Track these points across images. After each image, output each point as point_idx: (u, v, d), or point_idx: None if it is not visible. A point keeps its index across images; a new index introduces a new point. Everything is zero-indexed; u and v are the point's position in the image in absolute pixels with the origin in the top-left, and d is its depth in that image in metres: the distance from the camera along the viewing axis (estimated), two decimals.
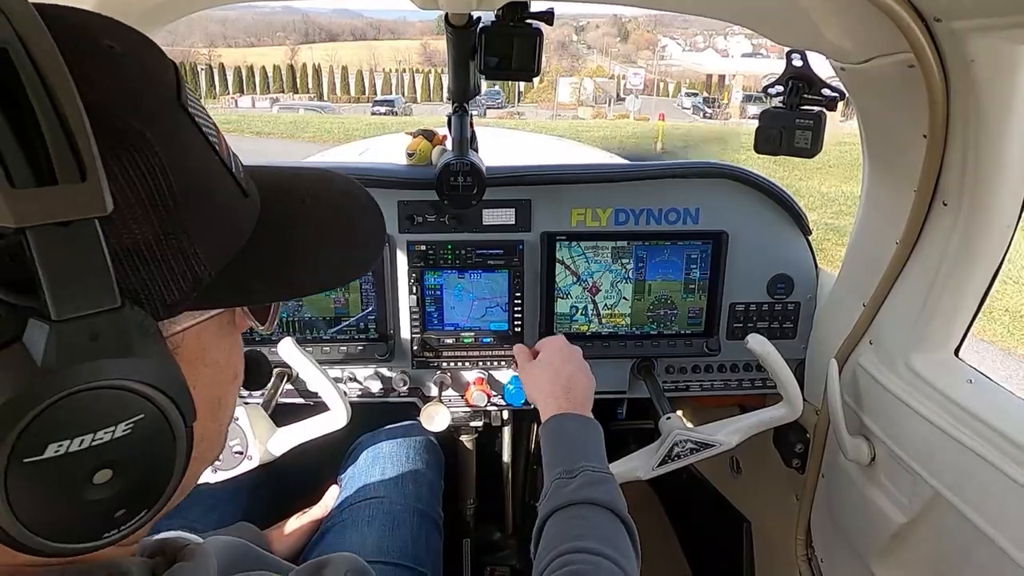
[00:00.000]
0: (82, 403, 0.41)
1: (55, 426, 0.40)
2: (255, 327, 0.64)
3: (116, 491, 0.45)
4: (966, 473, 1.15)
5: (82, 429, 0.42)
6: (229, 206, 0.52)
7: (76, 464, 0.42)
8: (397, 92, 68.52)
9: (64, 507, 0.43)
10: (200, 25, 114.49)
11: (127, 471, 0.45)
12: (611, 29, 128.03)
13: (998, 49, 0.97)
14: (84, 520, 0.45)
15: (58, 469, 0.42)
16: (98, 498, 0.44)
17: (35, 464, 0.40)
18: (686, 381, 1.78)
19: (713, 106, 48.66)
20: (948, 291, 1.23)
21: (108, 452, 0.43)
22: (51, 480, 0.42)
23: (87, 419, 0.42)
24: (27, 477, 0.40)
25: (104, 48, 0.46)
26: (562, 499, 1.01)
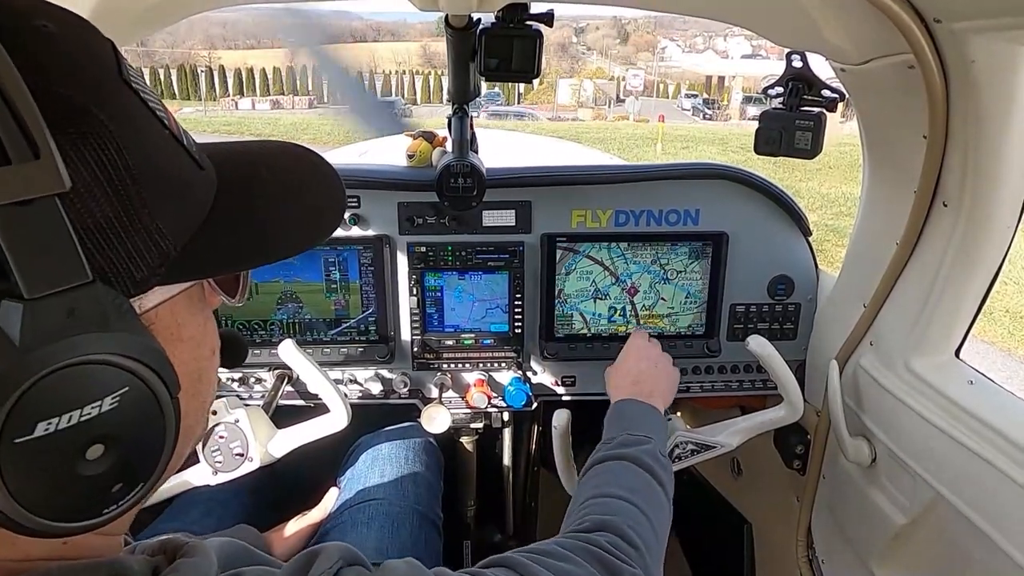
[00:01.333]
0: (66, 380, 0.41)
1: (42, 404, 0.40)
2: (226, 300, 0.64)
3: (110, 465, 0.45)
4: (967, 474, 1.14)
5: (69, 405, 0.42)
6: (186, 179, 0.52)
7: (67, 441, 0.43)
8: (397, 94, 68.56)
9: (60, 485, 0.43)
10: (200, 27, 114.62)
11: (118, 445, 0.45)
12: (611, 31, 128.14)
13: (998, 50, 0.97)
14: (82, 497, 0.45)
15: (50, 447, 0.42)
16: (93, 473, 0.45)
17: (26, 444, 0.41)
18: (687, 382, 1.78)
19: (713, 107, 48.66)
20: (948, 292, 1.23)
21: (97, 427, 0.44)
22: (44, 458, 0.42)
23: (73, 395, 0.42)
24: (20, 457, 0.40)
25: (39, 28, 0.46)
26: (598, 457, 1.13)
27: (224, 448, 1.35)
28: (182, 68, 73.76)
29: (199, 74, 67.48)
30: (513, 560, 0.78)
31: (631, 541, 0.89)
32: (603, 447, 1.17)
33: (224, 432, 1.35)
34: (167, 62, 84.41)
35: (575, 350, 1.71)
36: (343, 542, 1.36)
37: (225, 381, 1.73)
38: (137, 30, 1.25)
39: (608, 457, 1.12)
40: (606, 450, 1.14)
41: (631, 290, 1.69)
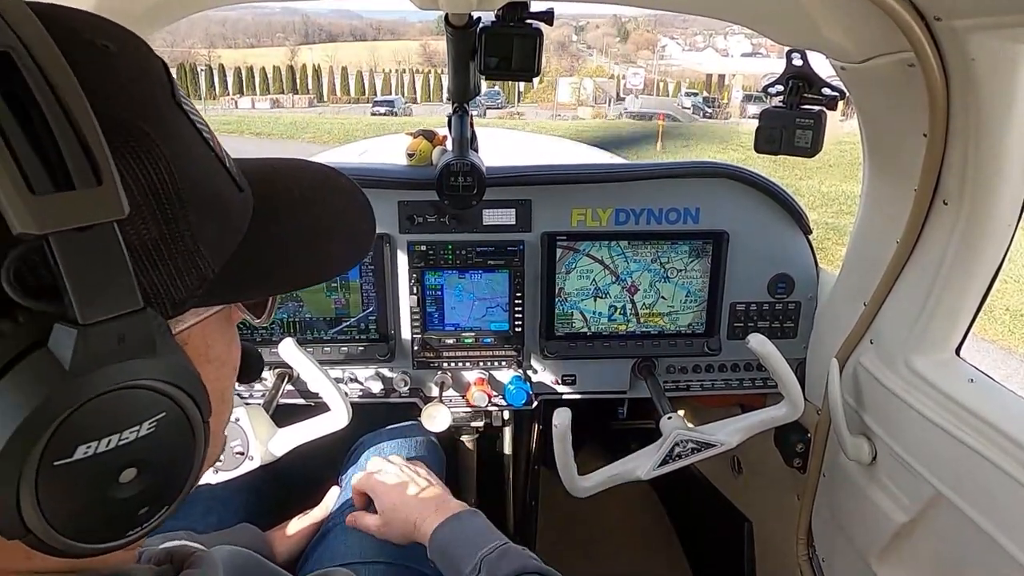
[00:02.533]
0: (109, 404, 0.42)
1: (84, 428, 0.41)
2: (251, 320, 0.64)
3: (140, 489, 0.45)
4: (967, 472, 1.15)
5: (110, 430, 0.42)
6: (227, 202, 0.52)
7: (104, 464, 0.43)
8: (397, 92, 68.54)
9: (92, 508, 0.43)
10: (200, 26, 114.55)
11: (151, 468, 0.46)
12: (611, 29, 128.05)
13: (998, 48, 0.97)
14: (110, 520, 0.45)
15: (87, 470, 0.42)
16: (124, 497, 0.45)
17: (65, 467, 0.41)
18: (687, 381, 1.78)
19: (713, 106, 48.65)
20: (949, 290, 1.23)
21: (134, 451, 0.44)
22: (80, 481, 0.42)
23: (114, 420, 0.42)
24: (57, 479, 0.40)
25: (99, 48, 0.46)
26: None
27: (224, 447, 1.35)
28: (182, 67, 73.69)
29: (199, 73, 67.43)
30: None
31: None
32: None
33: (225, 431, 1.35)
34: (167, 60, 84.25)
35: (575, 349, 1.72)
36: (345, 541, 1.36)
37: None
38: (137, 29, 1.25)
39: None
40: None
41: (631, 289, 1.69)
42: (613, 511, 2.48)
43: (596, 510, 2.04)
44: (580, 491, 1.48)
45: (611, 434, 2.58)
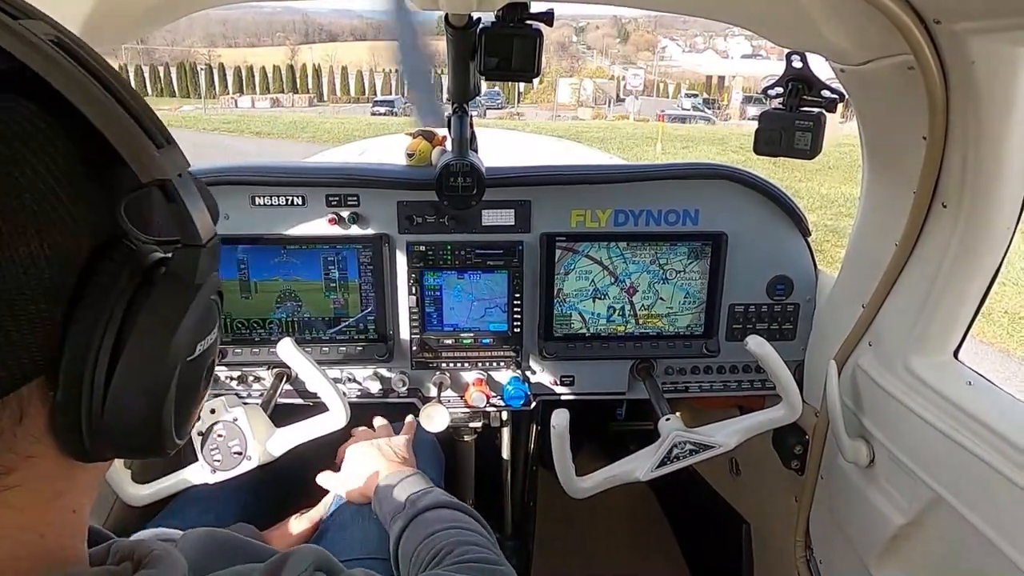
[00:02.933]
0: (209, 310, 0.51)
1: (200, 328, 0.49)
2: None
3: (202, 392, 0.54)
4: (965, 475, 1.15)
5: (209, 329, 0.51)
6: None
7: (204, 360, 0.52)
8: (397, 92, 68.50)
9: (192, 402, 0.52)
10: (200, 25, 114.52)
11: (211, 370, 0.55)
12: (611, 30, 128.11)
13: (998, 51, 0.97)
14: (192, 415, 0.53)
15: (198, 365, 0.51)
16: (203, 391, 0.54)
17: (191, 363, 0.49)
18: (685, 382, 1.78)
19: (713, 107, 48.67)
20: (947, 293, 1.23)
21: (213, 350, 0.53)
22: (193, 376, 0.51)
23: (209, 322, 0.51)
24: (185, 375, 0.48)
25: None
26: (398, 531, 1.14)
27: (223, 447, 1.35)
28: (182, 66, 73.76)
29: (199, 72, 67.42)
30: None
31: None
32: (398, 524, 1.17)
33: (222, 431, 1.35)
34: (167, 60, 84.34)
35: (574, 349, 1.71)
36: (344, 539, 1.36)
37: (224, 379, 1.73)
38: (137, 28, 1.25)
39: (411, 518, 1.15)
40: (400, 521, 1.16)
41: (630, 290, 1.69)
42: (611, 512, 2.48)
43: (594, 511, 2.04)
44: (578, 492, 1.48)
45: (609, 435, 2.58)
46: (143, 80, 72.88)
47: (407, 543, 1.09)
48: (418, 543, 1.05)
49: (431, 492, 1.22)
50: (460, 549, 0.98)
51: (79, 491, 0.52)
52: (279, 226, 1.62)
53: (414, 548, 1.05)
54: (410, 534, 1.10)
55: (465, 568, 0.91)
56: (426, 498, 1.18)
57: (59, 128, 0.42)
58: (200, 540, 0.63)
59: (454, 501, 1.18)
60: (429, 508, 1.14)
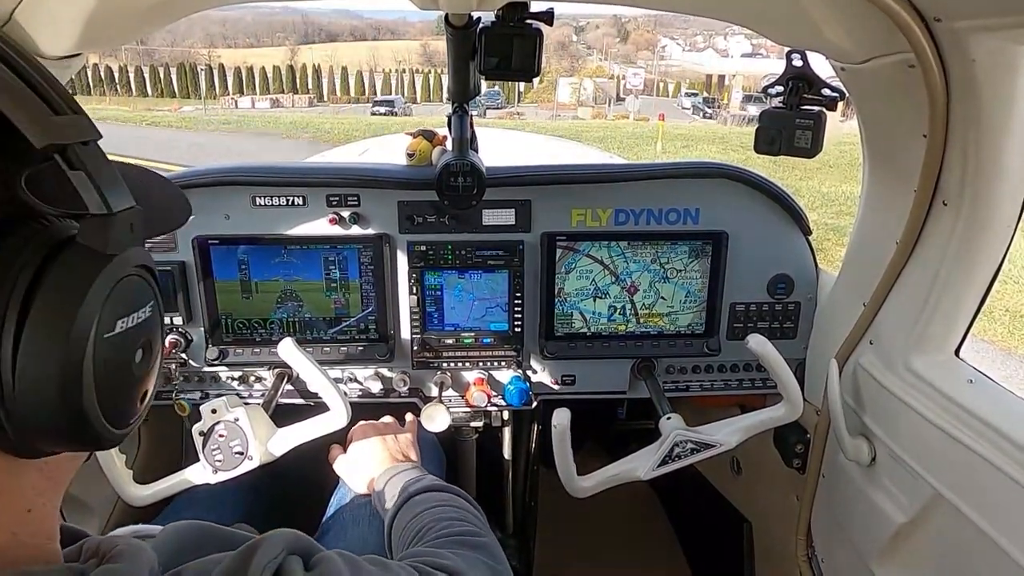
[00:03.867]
0: (130, 285, 0.49)
1: (120, 304, 0.48)
2: None
3: (143, 371, 0.53)
4: (967, 473, 1.15)
5: (133, 307, 0.50)
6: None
7: (131, 339, 0.50)
8: (397, 92, 68.50)
9: (121, 387, 0.50)
10: (200, 25, 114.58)
11: (150, 351, 0.53)
12: (611, 29, 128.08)
13: (999, 49, 0.97)
14: (128, 401, 0.52)
15: (121, 344, 0.49)
16: (137, 376, 0.52)
17: (109, 340, 0.47)
18: (686, 381, 1.78)
19: (713, 106, 48.64)
20: (948, 291, 1.23)
21: (143, 330, 0.52)
22: (116, 356, 0.49)
23: (134, 299, 0.50)
24: (104, 354, 0.47)
25: None
26: (391, 516, 1.16)
27: (224, 447, 1.35)
28: (182, 66, 73.76)
29: (199, 72, 67.43)
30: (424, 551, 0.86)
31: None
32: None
33: (224, 431, 1.35)
34: (167, 60, 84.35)
35: (575, 349, 1.72)
36: (345, 539, 1.36)
37: (225, 379, 1.73)
38: (137, 28, 1.25)
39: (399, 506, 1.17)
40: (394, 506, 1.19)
41: (631, 289, 1.69)
42: (612, 511, 2.48)
43: (595, 510, 2.04)
44: (579, 491, 1.48)
45: (610, 434, 2.58)
46: (143, 81, 72.93)
47: (397, 526, 1.11)
48: (405, 523, 1.07)
49: (424, 478, 1.25)
50: (441, 524, 1.00)
51: (30, 490, 0.51)
52: (280, 226, 1.62)
53: (402, 528, 1.07)
54: (400, 517, 1.12)
55: (446, 542, 0.92)
56: (418, 484, 1.21)
57: None
58: (177, 533, 0.62)
59: (444, 484, 1.20)
60: (418, 492, 1.17)
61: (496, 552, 0.94)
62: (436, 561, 0.79)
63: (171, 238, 1.61)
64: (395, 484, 1.26)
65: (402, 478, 1.28)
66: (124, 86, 71.62)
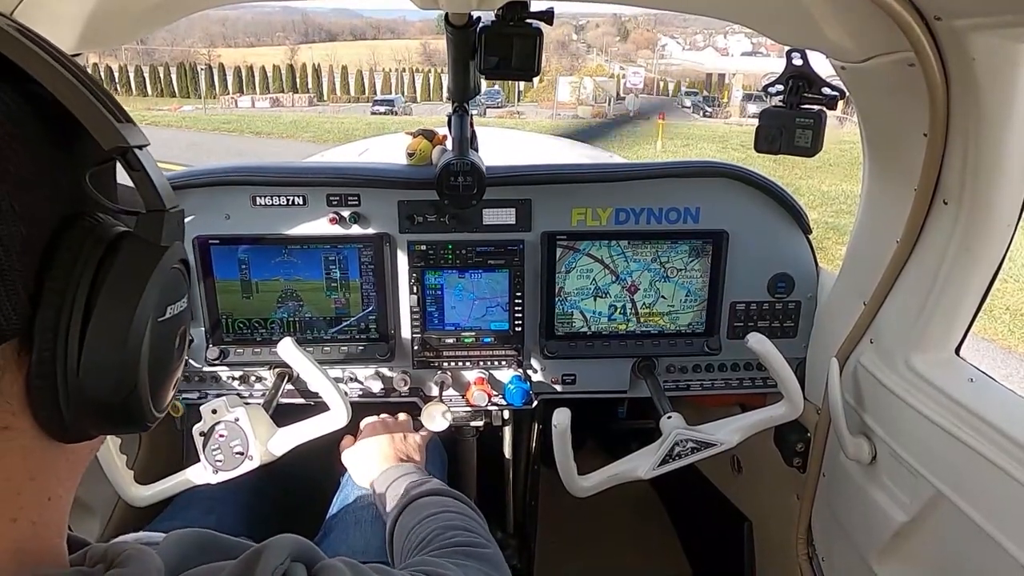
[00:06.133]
0: (176, 276, 0.54)
1: (169, 291, 0.52)
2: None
3: (180, 356, 0.57)
4: (967, 472, 1.15)
5: (178, 296, 0.54)
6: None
7: (175, 325, 0.54)
8: (397, 92, 68.46)
9: (165, 369, 0.54)
10: (200, 25, 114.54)
11: (184, 338, 0.57)
12: (611, 28, 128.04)
13: (999, 47, 0.97)
14: (168, 385, 0.56)
15: (168, 330, 0.53)
16: (177, 360, 0.57)
17: (161, 324, 0.51)
18: (687, 380, 1.78)
19: (713, 105, 48.61)
20: (949, 290, 1.23)
21: (183, 318, 0.56)
22: (165, 341, 0.53)
23: (178, 288, 0.54)
24: (156, 338, 0.50)
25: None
26: (393, 517, 1.17)
27: (224, 447, 1.35)
28: (182, 66, 73.73)
29: (199, 72, 67.40)
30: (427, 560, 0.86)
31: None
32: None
33: (224, 431, 1.35)
34: (167, 60, 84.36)
35: (575, 348, 1.72)
36: (347, 540, 1.36)
37: (225, 379, 1.73)
38: (137, 28, 1.25)
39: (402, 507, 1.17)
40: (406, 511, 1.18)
41: (631, 288, 1.69)
42: (613, 510, 2.48)
43: (596, 509, 2.04)
44: (580, 491, 1.48)
45: (611, 434, 2.58)
46: (143, 80, 72.91)
47: (400, 530, 1.11)
48: (408, 529, 1.07)
49: (428, 482, 1.26)
50: (448, 534, 1.00)
51: (55, 477, 0.52)
52: (280, 226, 1.62)
53: (405, 534, 1.08)
54: (403, 521, 1.13)
55: (450, 552, 0.93)
56: (421, 487, 1.21)
57: (27, 106, 0.46)
58: (180, 540, 0.62)
59: (446, 488, 1.21)
60: (422, 495, 1.17)
61: (500, 564, 0.95)
62: (440, 572, 0.79)
63: None
64: (398, 485, 1.27)
65: (405, 480, 1.28)
66: (124, 85, 71.59)
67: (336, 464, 1.64)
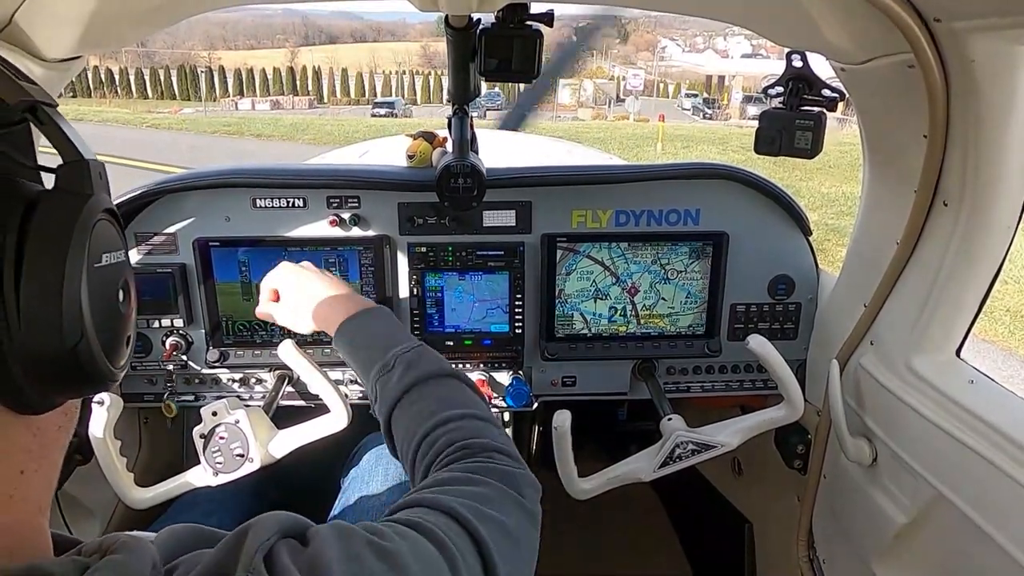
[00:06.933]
0: (107, 225, 0.54)
1: (102, 238, 0.53)
2: None
3: (127, 311, 0.58)
4: (968, 473, 1.14)
5: (113, 245, 0.55)
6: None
7: (114, 275, 0.55)
8: (397, 94, 68.51)
9: (112, 321, 0.54)
10: (200, 27, 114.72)
11: (129, 294, 0.58)
12: (611, 30, 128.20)
13: (998, 49, 0.97)
14: (119, 339, 0.56)
15: (108, 278, 0.54)
16: (123, 314, 0.57)
17: (99, 272, 0.52)
18: (687, 382, 1.78)
19: (713, 107, 48.65)
20: (949, 291, 1.23)
21: (121, 270, 0.57)
22: (106, 290, 0.54)
23: (111, 238, 0.55)
24: (96, 285, 0.51)
25: None
26: (393, 393, 1.01)
27: (225, 449, 1.35)
28: (182, 68, 73.78)
29: (199, 74, 67.47)
30: (423, 498, 0.75)
31: (507, 452, 0.89)
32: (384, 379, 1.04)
33: (224, 433, 1.35)
34: (167, 62, 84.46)
35: (575, 350, 1.71)
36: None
37: (226, 382, 1.73)
38: (138, 31, 1.25)
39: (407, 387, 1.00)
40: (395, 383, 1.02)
41: (631, 290, 1.69)
42: (613, 512, 2.48)
43: (596, 511, 2.04)
44: (580, 493, 1.48)
45: (611, 436, 2.58)
46: (143, 83, 72.99)
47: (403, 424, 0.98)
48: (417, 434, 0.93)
49: (424, 353, 1.06)
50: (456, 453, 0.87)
51: (24, 451, 0.52)
52: (280, 228, 1.62)
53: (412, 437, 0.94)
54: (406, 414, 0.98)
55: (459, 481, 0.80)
56: (419, 363, 1.03)
57: None
58: (175, 532, 0.63)
59: (446, 368, 1.04)
60: (422, 380, 1.00)
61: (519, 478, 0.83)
62: (430, 528, 0.68)
63: (172, 240, 1.61)
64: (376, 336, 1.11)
65: (382, 332, 1.12)
66: (124, 88, 71.69)
67: (337, 466, 1.64)
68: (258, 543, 0.56)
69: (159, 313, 1.63)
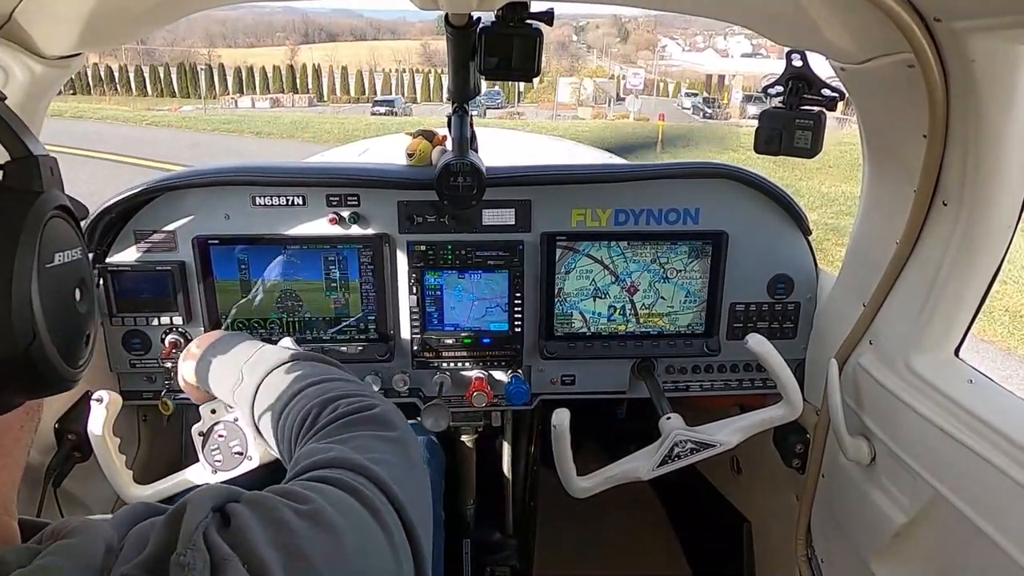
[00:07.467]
0: (60, 222, 0.53)
1: (53, 237, 0.51)
2: None
3: (84, 310, 0.56)
4: (966, 473, 1.15)
5: (68, 243, 0.53)
6: None
7: (68, 275, 0.53)
8: (397, 92, 68.44)
9: (68, 320, 0.53)
10: (200, 25, 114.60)
11: (86, 292, 0.56)
12: (611, 29, 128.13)
13: (998, 49, 0.97)
14: (76, 338, 0.54)
15: (61, 278, 0.52)
16: (81, 313, 0.55)
17: (50, 272, 0.51)
18: (686, 381, 1.78)
19: (713, 106, 48.62)
20: (948, 291, 1.23)
21: (77, 269, 0.55)
22: (60, 289, 0.52)
23: (65, 236, 0.53)
24: (48, 285, 0.50)
25: None
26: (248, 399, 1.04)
27: (223, 447, 1.35)
28: (182, 66, 73.67)
29: (199, 72, 67.38)
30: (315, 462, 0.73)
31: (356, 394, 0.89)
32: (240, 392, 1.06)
33: (223, 431, 1.35)
34: (167, 60, 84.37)
35: (575, 349, 1.71)
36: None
37: None
38: (137, 28, 1.25)
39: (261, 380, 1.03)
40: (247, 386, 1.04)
41: (631, 289, 1.69)
42: (612, 511, 2.48)
43: (595, 510, 2.04)
44: (579, 491, 1.48)
45: (610, 434, 2.58)
46: (143, 81, 72.90)
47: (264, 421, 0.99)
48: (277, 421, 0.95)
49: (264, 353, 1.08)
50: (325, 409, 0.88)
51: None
52: (280, 226, 1.62)
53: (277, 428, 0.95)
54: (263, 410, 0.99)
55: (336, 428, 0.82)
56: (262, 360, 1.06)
57: None
58: (131, 510, 0.63)
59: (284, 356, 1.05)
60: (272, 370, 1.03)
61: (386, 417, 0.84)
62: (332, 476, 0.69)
63: (171, 237, 1.61)
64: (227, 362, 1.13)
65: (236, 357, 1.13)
66: (124, 86, 71.59)
67: None
68: (196, 520, 0.56)
69: (158, 310, 1.63)
